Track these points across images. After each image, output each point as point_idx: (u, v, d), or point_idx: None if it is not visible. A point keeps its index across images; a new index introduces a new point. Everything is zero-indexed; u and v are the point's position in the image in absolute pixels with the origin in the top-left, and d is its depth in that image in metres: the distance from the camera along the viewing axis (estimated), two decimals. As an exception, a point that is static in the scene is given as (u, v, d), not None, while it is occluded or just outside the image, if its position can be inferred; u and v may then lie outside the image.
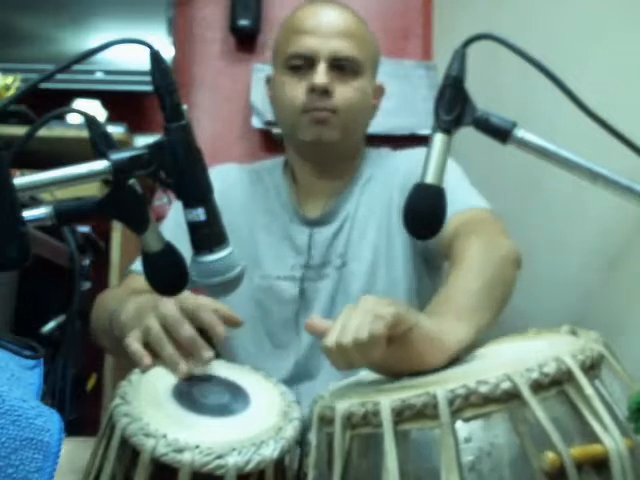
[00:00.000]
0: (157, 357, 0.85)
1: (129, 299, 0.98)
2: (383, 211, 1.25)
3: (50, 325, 1.26)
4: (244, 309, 1.22)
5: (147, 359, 0.84)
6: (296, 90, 1.20)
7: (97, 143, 0.75)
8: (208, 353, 0.84)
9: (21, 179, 0.67)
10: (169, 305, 0.87)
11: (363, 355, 0.72)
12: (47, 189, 0.70)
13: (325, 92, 1.18)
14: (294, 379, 1.18)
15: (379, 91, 1.31)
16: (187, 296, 0.88)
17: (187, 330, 0.85)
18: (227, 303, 1.22)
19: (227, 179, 1.32)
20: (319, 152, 1.24)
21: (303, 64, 1.20)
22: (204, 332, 0.88)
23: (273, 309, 1.22)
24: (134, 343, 0.86)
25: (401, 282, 1.22)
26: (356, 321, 0.73)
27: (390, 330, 0.72)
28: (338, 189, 1.28)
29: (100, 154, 0.71)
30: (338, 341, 0.73)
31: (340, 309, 1.18)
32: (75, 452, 0.72)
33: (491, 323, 0.86)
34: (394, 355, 0.74)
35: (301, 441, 0.77)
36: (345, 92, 1.20)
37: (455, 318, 0.82)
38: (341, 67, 1.20)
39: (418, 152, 1.25)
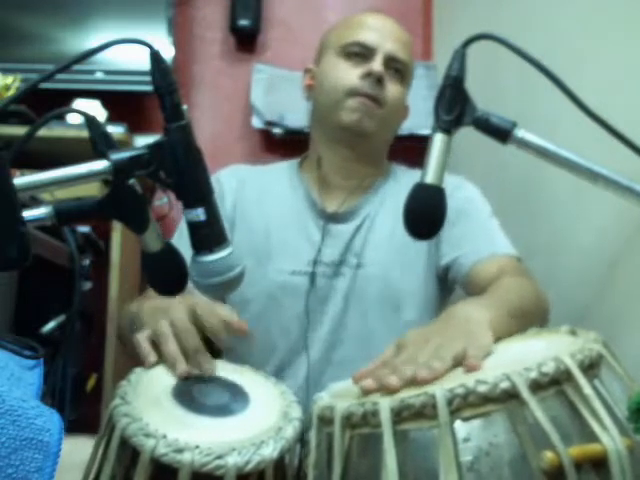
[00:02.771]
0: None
1: (146, 300, 1.01)
2: None
3: (50, 325, 1.25)
4: (257, 304, 1.23)
5: (152, 356, 0.85)
6: (349, 74, 1.24)
7: (97, 143, 0.75)
8: (208, 366, 0.85)
9: (21, 179, 0.67)
10: (180, 311, 0.89)
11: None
12: (47, 189, 0.70)
13: (379, 81, 1.22)
14: (308, 374, 1.19)
15: (407, 110, 1.37)
16: (200, 303, 0.90)
17: (192, 340, 0.86)
18: (241, 298, 1.24)
19: (239, 176, 1.34)
20: (353, 139, 1.26)
21: (361, 52, 1.25)
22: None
23: (286, 304, 1.22)
24: (144, 341, 0.88)
25: (422, 295, 1.23)
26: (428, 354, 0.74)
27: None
28: (359, 188, 1.29)
29: (100, 154, 0.71)
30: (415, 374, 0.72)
31: (355, 309, 1.20)
32: (75, 450, 0.72)
33: (513, 332, 0.87)
34: None
35: (301, 441, 0.77)
36: (395, 90, 1.26)
37: (479, 305, 0.86)
38: (394, 68, 1.26)
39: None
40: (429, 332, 0.81)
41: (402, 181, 1.32)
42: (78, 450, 0.74)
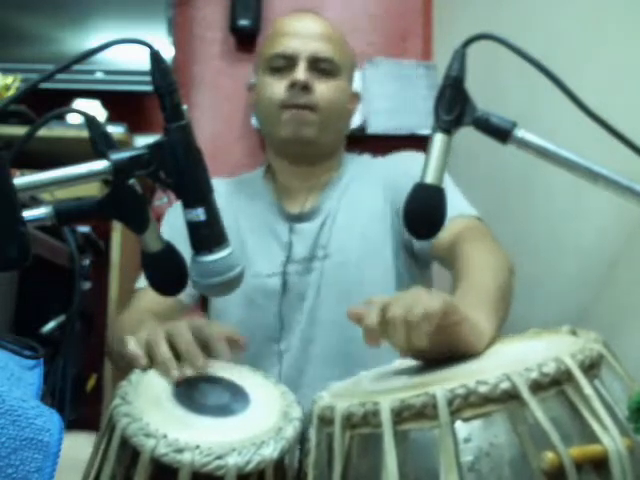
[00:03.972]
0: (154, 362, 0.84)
1: (143, 325, 0.97)
2: (369, 209, 1.29)
3: (50, 325, 1.25)
4: (237, 310, 1.24)
5: (142, 359, 0.83)
6: (276, 88, 1.25)
7: (97, 143, 0.75)
8: (201, 361, 0.82)
9: (21, 179, 0.67)
10: (178, 322, 0.86)
11: (410, 332, 0.73)
12: (47, 189, 0.71)
13: (305, 88, 1.23)
14: (280, 375, 1.20)
15: (355, 98, 1.37)
16: (198, 320, 0.89)
17: (186, 338, 0.83)
18: (223, 305, 1.25)
19: (214, 187, 1.33)
20: (297, 148, 1.28)
21: (284, 65, 1.26)
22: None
23: (265, 306, 1.24)
24: (133, 344, 0.85)
25: (391, 276, 1.24)
26: (411, 299, 0.74)
27: (443, 316, 0.73)
28: (318, 186, 1.32)
29: (100, 154, 0.71)
30: (391, 314, 0.74)
31: (327, 300, 1.22)
32: (75, 447, 0.72)
33: (503, 323, 0.87)
34: (441, 343, 0.75)
35: (301, 441, 0.77)
36: (324, 89, 1.25)
37: (482, 312, 0.84)
38: (320, 68, 1.26)
39: (397, 156, 1.35)
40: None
41: (362, 170, 1.34)
42: (78, 448, 0.74)
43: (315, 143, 1.27)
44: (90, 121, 0.77)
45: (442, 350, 0.76)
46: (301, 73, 1.23)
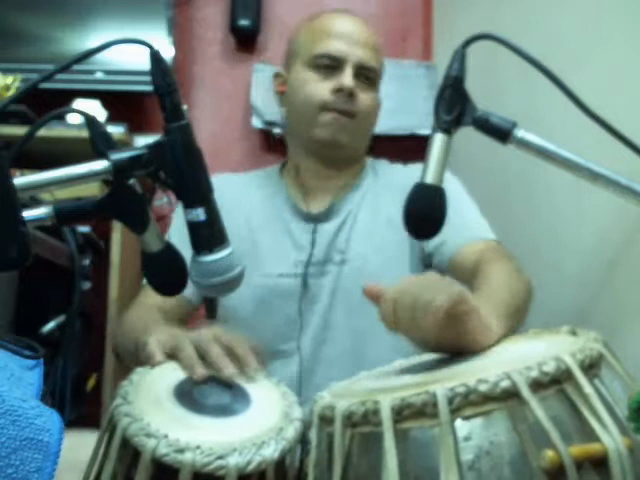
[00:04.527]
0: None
1: (159, 326, 0.97)
2: (387, 216, 1.28)
3: (50, 325, 1.25)
4: (247, 309, 1.23)
5: (159, 356, 0.84)
6: (319, 88, 1.25)
7: (97, 143, 0.75)
8: (232, 371, 0.83)
9: (21, 179, 0.67)
10: (203, 331, 0.87)
11: (419, 317, 0.74)
12: (47, 189, 0.70)
13: (351, 95, 1.23)
14: (301, 375, 1.19)
15: (379, 107, 1.38)
16: (224, 332, 0.89)
17: (216, 350, 0.84)
18: (230, 305, 1.25)
19: (220, 186, 1.33)
20: (331, 151, 1.28)
21: (329, 65, 1.25)
22: None
23: (276, 307, 1.23)
24: (154, 343, 0.86)
25: None
26: (423, 285, 0.76)
27: (452, 306, 0.73)
28: (340, 188, 1.31)
29: (100, 154, 0.71)
30: (400, 297, 0.75)
31: (342, 305, 1.21)
32: (75, 447, 0.72)
33: (512, 331, 0.87)
34: (449, 332, 0.75)
35: (302, 441, 0.77)
36: (366, 99, 1.27)
37: (492, 312, 0.84)
38: (365, 77, 1.26)
39: (418, 167, 1.31)
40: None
41: (381, 176, 1.34)
42: (78, 447, 0.74)
43: (348, 148, 1.28)
44: (90, 121, 0.77)
45: (450, 338, 0.76)
46: (349, 79, 1.23)
